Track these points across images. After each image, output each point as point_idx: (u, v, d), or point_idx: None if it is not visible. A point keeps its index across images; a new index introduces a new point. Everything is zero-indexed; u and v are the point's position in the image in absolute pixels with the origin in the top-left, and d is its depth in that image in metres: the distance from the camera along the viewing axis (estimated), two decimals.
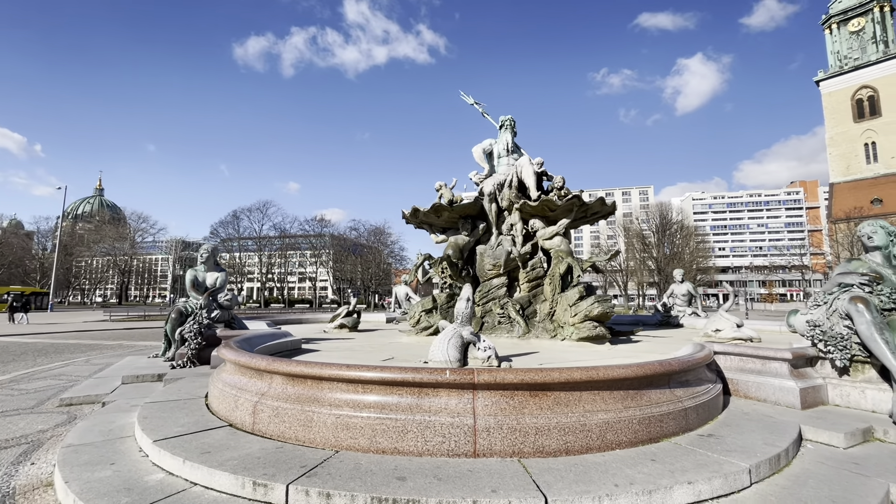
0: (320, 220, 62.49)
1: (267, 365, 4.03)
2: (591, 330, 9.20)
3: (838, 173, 62.12)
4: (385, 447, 3.36)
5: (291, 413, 3.68)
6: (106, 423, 4.56)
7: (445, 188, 11.63)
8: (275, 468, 3.08)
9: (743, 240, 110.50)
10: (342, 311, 13.08)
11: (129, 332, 19.61)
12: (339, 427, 3.48)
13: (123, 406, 5.27)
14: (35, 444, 4.36)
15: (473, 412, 3.40)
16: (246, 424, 3.95)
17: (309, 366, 3.80)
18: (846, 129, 61.73)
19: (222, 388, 4.47)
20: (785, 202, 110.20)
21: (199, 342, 7.54)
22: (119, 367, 8.06)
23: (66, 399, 5.90)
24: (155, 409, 4.59)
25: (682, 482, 2.83)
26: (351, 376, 3.61)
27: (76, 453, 3.68)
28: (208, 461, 3.20)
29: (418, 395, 3.51)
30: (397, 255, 63.90)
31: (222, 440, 3.67)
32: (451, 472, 3.00)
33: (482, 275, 11.40)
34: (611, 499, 2.66)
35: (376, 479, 2.90)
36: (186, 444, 3.55)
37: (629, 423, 3.55)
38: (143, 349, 12.82)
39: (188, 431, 3.88)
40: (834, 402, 4.97)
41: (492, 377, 3.43)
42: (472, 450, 3.29)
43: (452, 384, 3.46)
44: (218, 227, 63.74)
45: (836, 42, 64.13)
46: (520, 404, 3.46)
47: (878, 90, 59.42)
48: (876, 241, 5.40)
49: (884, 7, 60.13)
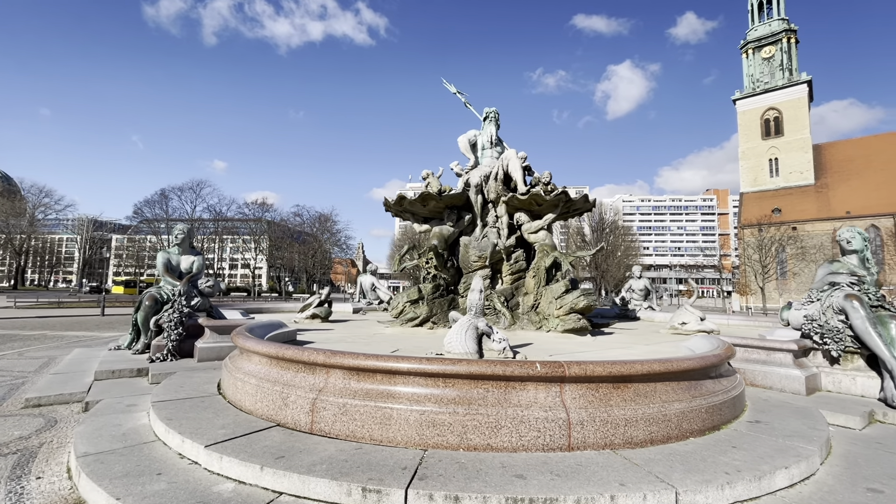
0: (261, 204, 58.62)
1: (326, 359, 3.68)
2: (575, 322, 9.49)
3: (747, 184, 69.55)
4: (477, 444, 3.21)
5: (364, 411, 3.39)
6: (111, 427, 3.93)
7: (433, 177, 11.40)
8: (373, 471, 2.82)
9: (664, 240, 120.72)
10: (314, 301, 12.45)
11: (46, 321, 17.22)
12: (424, 424, 3.27)
13: (118, 406, 4.59)
14: (25, 454, 3.65)
15: (564, 405, 3.34)
16: (301, 424, 3.59)
17: (381, 359, 3.52)
18: (755, 145, 69.19)
19: (257, 384, 4.02)
20: (701, 207, 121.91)
21: (180, 333, 6.77)
22: (76, 362, 7.04)
23: (33, 399, 5.02)
24: (173, 409, 4.04)
25: (780, 467, 2.99)
26: (432, 370, 3.40)
27: (103, 463, 3.13)
28: (292, 467, 2.86)
29: (505, 389, 3.39)
30: (343, 244, 61.96)
31: (285, 443, 3.30)
32: (562, 468, 2.93)
33: (466, 266, 11.36)
34: (731, 486, 2.74)
35: (494, 478, 2.76)
36: (248, 449, 3.15)
37: (698, 412, 3.69)
38: (82, 340, 11.31)
39: (236, 434, 3.45)
40: (826, 388, 5.55)
41: (582, 370, 3.40)
42: (566, 443, 3.24)
43: (542, 377, 3.37)
44: (143, 207, 57.37)
45: (751, 66, 71.41)
46: (605, 396, 3.46)
47: (783, 112, 67.19)
48: (854, 245, 6.08)
49: (790, 38, 67.90)
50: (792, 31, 67.88)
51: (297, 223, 60.54)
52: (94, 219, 74.49)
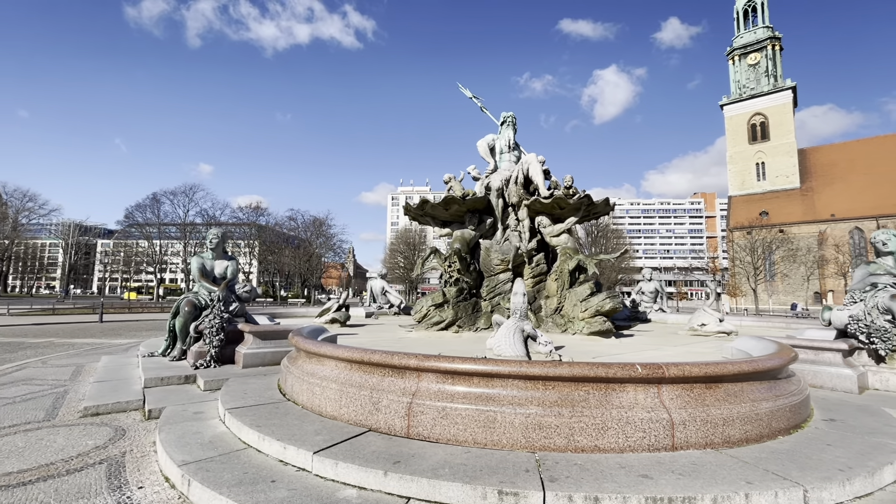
0: (255, 208, 57.91)
1: (419, 363, 3.67)
2: (601, 324, 9.58)
3: (735, 187, 71.00)
4: (584, 445, 3.23)
5: (465, 414, 3.39)
6: (192, 435, 3.87)
7: (455, 181, 11.44)
8: (498, 474, 2.82)
9: (653, 243, 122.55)
10: (332, 305, 12.41)
11: (46, 329, 16.78)
12: (530, 427, 3.28)
13: (185, 414, 4.51)
14: (111, 464, 3.57)
15: (664, 406, 3.39)
16: (396, 429, 3.57)
17: (480, 363, 3.53)
18: (743, 150, 70.72)
19: (339, 389, 4.00)
20: (689, 211, 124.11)
21: (221, 339, 6.67)
22: (110, 370, 6.89)
23: (91, 408, 4.89)
24: (254, 416, 3.99)
25: (885, 463, 3.07)
26: (534, 373, 3.42)
27: (209, 472, 3.08)
28: (416, 471, 2.85)
29: (605, 391, 3.43)
30: (337, 248, 61.43)
31: (390, 448, 3.29)
32: (679, 467, 2.97)
33: (488, 270, 11.39)
34: (850, 483, 2.81)
35: (621, 478, 2.79)
36: (358, 454, 3.13)
37: (783, 410, 3.76)
38: (99, 347, 11.05)
39: (334, 440, 3.42)
40: (874, 386, 5.70)
41: (679, 371, 3.45)
42: (670, 444, 3.28)
43: (643, 379, 3.42)
44: (134, 211, 55.99)
45: (737, 72, 73.07)
46: (699, 396, 3.52)
47: (769, 117, 68.81)
48: (890, 247, 6.26)
49: (775, 46, 69.67)
50: (776, 38, 69.66)
51: (291, 227, 59.94)
52: (80, 224, 72.84)
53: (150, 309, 29.79)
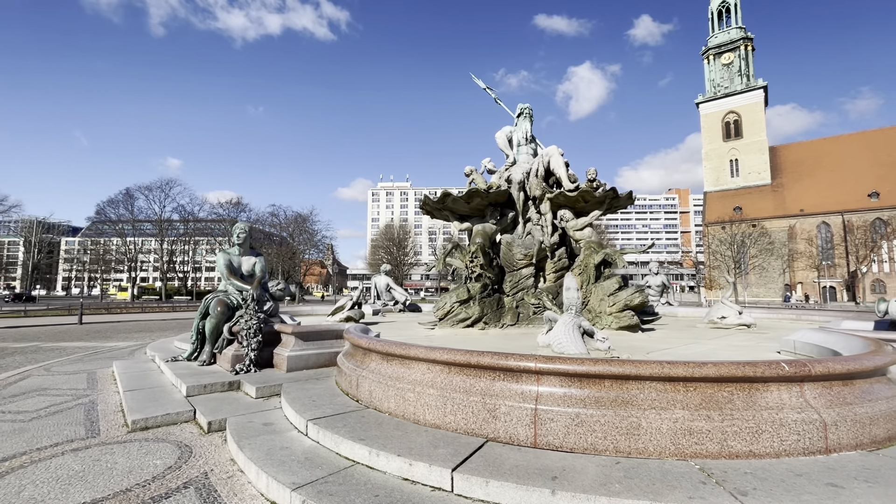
0: (235, 204, 55.78)
1: (540, 365, 3.35)
2: (630, 319, 9.46)
3: (710, 183, 73.12)
4: (739, 451, 2.99)
5: (604, 421, 3.10)
6: (280, 451, 3.45)
7: (476, 174, 11.11)
8: (675, 489, 2.55)
9: (630, 237, 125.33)
10: (346, 304, 11.92)
11: (23, 332, 15.62)
12: (679, 433, 3.02)
13: (253, 426, 4.06)
14: (200, 488, 3.10)
15: (811, 406, 3.18)
16: (520, 438, 3.25)
17: (614, 364, 3.23)
18: (717, 147, 72.83)
19: (439, 395, 3.64)
20: (664, 206, 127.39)
21: (259, 341, 6.17)
22: (133, 377, 6.30)
23: (139, 422, 4.36)
24: (347, 427, 3.59)
25: None
26: (676, 374, 3.14)
27: (332, 495, 2.69)
28: (585, 488, 2.54)
29: (749, 392, 3.19)
30: (321, 245, 59.81)
31: (532, 461, 2.96)
32: (856, 472, 2.76)
33: (509, 265, 11.13)
34: None
35: (808, 486, 2.55)
36: (500, 470, 2.79)
37: None
38: (98, 351, 10.25)
39: (461, 454, 3.07)
40: None
41: (825, 367, 3.25)
42: (824, 446, 3.08)
43: (789, 377, 3.20)
44: (106, 206, 53.02)
45: (712, 71, 75.08)
46: (839, 394, 3.33)
47: (742, 115, 71.05)
48: None
49: (748, 46, 71.86)
50: (749, 38, 71.81)
51: (273, 223, 58.13)
52: (43, 220, 68.75)
53: (129, 310, 28.34)
